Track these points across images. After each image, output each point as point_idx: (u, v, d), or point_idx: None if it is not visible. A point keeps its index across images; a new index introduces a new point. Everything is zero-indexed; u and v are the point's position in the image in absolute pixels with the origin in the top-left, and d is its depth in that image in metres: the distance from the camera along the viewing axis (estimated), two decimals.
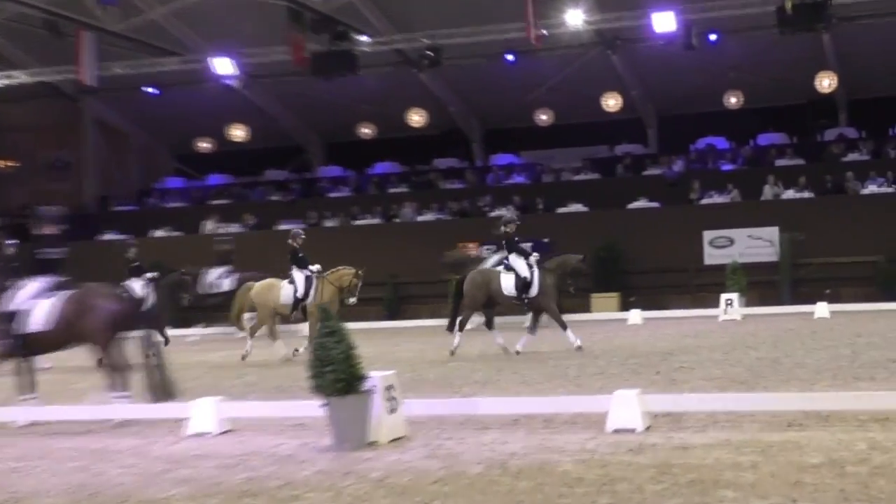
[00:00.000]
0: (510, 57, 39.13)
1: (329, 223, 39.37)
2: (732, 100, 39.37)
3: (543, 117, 41.69)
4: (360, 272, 21.93)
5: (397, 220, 39.13)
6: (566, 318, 21.00)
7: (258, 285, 22.59)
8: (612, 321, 29.83)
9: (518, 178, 40.95)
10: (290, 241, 22.50)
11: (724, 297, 29.81)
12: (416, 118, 41.37)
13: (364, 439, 10.40)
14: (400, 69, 40.75)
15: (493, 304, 21.43)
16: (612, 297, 34.31)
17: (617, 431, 10.55)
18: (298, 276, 22.06)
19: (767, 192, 35.34)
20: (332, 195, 42.04)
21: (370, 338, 23.75)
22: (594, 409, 11.33)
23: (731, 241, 34.38)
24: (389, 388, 10.75)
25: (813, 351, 18.06)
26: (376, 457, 9.95)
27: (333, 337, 10.39)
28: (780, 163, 37.59)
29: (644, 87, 41.69)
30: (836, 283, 32.41)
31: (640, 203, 36.42)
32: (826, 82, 37.32)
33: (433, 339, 24.81)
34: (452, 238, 36.46)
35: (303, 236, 22.70)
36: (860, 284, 32.38)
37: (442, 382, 15.81)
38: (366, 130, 43.80)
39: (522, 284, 20.46)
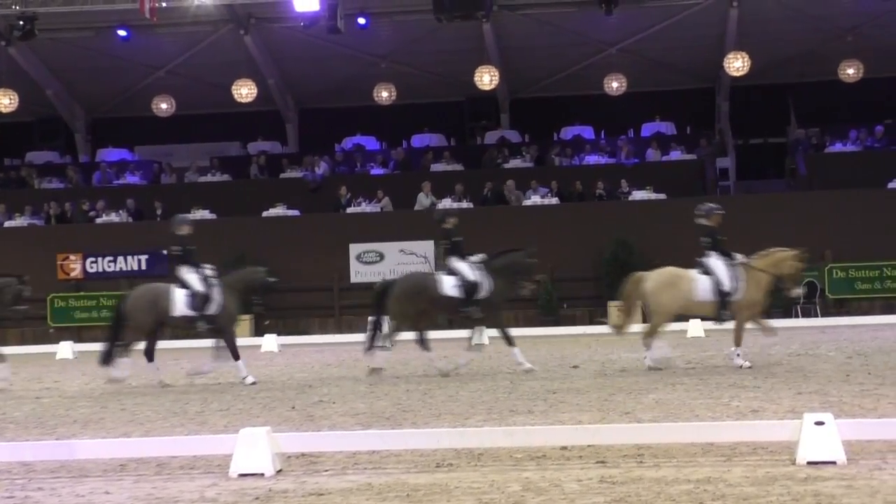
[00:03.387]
0: (123, 32, 38.48)
1: None
2: (384, 94, 40.39)
3: (163, 106, 41.21)
4: (802, 254, 19.61)
5: None
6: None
7: (656, 276, 19.98)
8: (242, 348, 29.76)
9: (132, 178, 40.26)
10: (702, 219, 19.91)
11: (371, 320, 30.48)
12: (5, 101, 39.80)
13: None
14: None
15: None
16: (244, 320, 34.30)
17: (243, 476, 10.57)
18: (717, 263, 19.62)
19: (422, 200, 36.44)
20: None
21: None
22: (216, 450, 11.31)
23: (381, 257, 35.24)
24: None
25: (468, 382, 18.80)
26: None
27: None
28: (436, 168, 38.93)
29: (282, 75, 42.08)
30: None
31: (278, 210, 36.69)
32: (487, 78, 38.98)
33: (24, 369, 23.95)
34: (50, 247, 35.46)
35: (721, 212, 20.05)
36: (521, 307, 33.94)
37: (32, 422, 15.33)
38: None
39: None
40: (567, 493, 9.38)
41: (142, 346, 20.62)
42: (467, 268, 20.58)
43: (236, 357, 20.21)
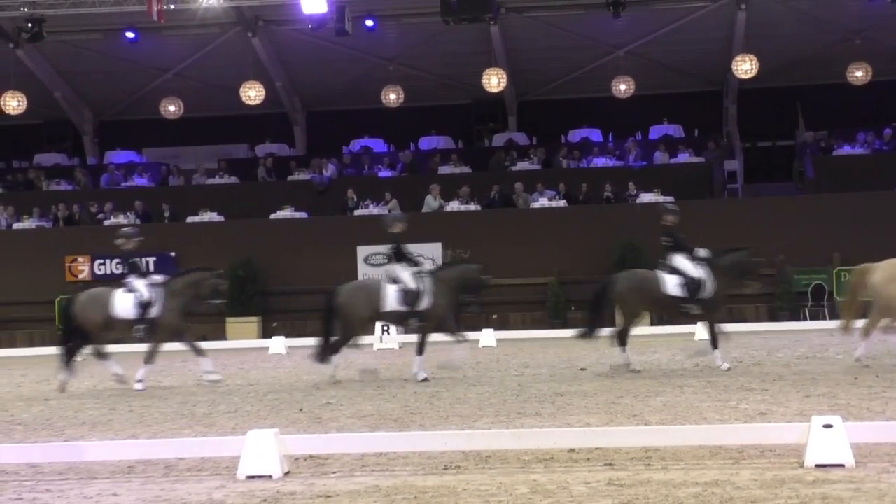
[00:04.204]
0: (131, 34, 38.53)
1: None
2: (392, 96, 40.38)
3: (171, 108, 41.22)
4: None
5: None
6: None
7: (885, 266, 19.29)
8: (250, 350, 29.90)
9: (140, 181, 40.29)
10: None
11: (380, 322, 30.50)
12: (13, 103, 39.80)
13: None
14: None
15: None
16: (251, 322, 34.39)
17: (251, 478, 10.60)
18: None
19: (430, 202, 36.43)
20: None
21: None
22: (224, 452, 11.33)
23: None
24: None
25: (476, 384, 18.80)
26: None
27: None
28: (443, 170, 38.92)
29: (290, 77, 42.11)
30: (504, 307, 33.83)
31: (285, 213, 36.70)
32: (494, 81, 38.94)
33: (32, 371, 24.00)
34: (58, 249, 35.52)
35: None
36: (530, 309, 34.01)
37: (41, 424, 15.36)
38: None
39: None
40: (575, 495, 9.39)
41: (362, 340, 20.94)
42: (691, 265, 20.12)
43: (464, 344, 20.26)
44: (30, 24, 35.30)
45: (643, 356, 23.21)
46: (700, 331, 28.74)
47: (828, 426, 10.25)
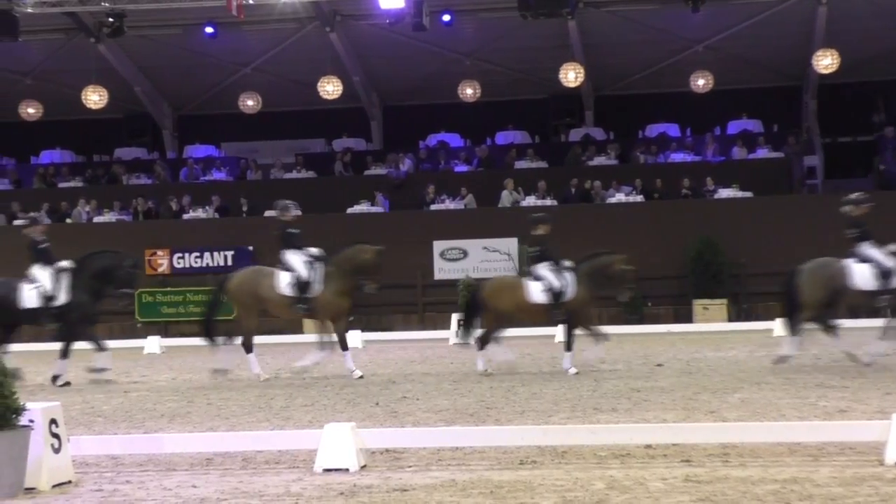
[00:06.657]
0: (210, 29, 38.82)
1: None
2: (468, 91, 40.36)
3: (249, 103, 41.51)
4: None
5: (69, 222, 38.01)
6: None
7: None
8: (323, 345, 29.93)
9: (218, 175, 40.60)
10: None
11: (456, 316, 30.54)
12: (95, 98, 40.30)
13: (20, 485, 10.08)
14: (73, 37, 39.82)
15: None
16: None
17: (327, 471, 10.67)
18: None
19: (506, 198, 36.39)
20: None
21: (39, 362, 23.02)
22: (301, 445, 11.42)
23: (465, 254, 35.23)
24: (53, 422, 10.48)
25: (551, 380, 18.77)
26: None
27: None
28: (520, 165, 38.84)
29: (367, 72, 42.23)
30: None
31: (362, 207, 36.81)
32: (572, 75, 38.79)
33: (112, 363, 24.23)
34: (138, 243, 35.86)
35: None
36: (605, 304, 33.76)
37: (120, 416, 15.55)
38: (30, 111, 42.25)
39: None
40: (651, 491, 9.35)
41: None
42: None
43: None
44: (111, 20, 35.70)
45: (720, 353, 23.05)
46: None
47: None
